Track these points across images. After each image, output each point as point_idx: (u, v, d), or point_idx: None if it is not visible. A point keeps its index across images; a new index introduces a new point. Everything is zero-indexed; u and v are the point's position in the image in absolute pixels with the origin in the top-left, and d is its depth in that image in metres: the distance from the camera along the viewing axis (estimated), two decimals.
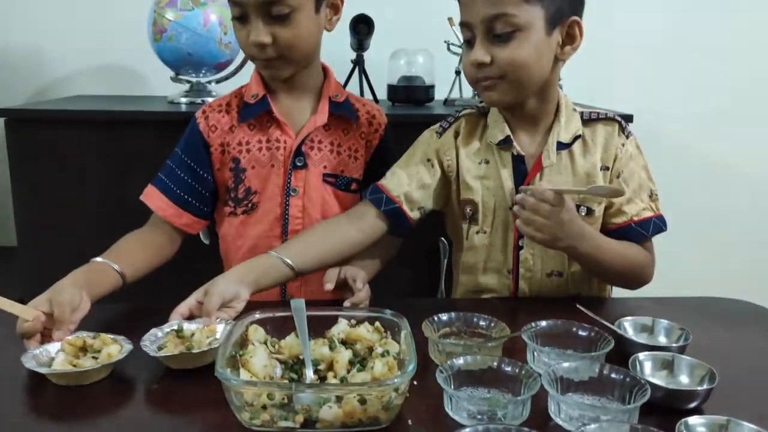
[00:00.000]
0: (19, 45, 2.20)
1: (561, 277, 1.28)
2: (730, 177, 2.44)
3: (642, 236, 1.25)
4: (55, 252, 1.77)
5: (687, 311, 1.23)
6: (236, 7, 1.21)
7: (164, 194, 1.31)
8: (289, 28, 1.20)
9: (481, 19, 1.12)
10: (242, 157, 1.31)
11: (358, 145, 1.36)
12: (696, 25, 2.31)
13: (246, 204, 1.32)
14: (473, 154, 1.28)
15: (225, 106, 1.34)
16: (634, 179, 1.25)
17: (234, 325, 0.93)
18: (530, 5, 1.11)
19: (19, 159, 1.74)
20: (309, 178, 1.31)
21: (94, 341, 0.97)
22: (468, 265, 1.32)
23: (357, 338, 0.94)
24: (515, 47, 1.12)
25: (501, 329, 1.00)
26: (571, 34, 1.17)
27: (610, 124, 1.26)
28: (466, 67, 1.20)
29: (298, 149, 1.30)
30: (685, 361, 0.92)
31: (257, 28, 1.20)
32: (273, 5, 1.18)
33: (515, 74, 1.14)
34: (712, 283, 2.32)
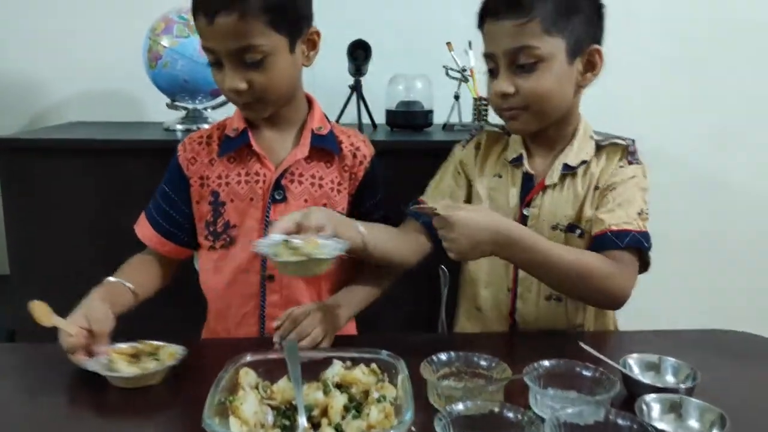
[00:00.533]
0: (15, 72, 2.18)
1: (560, 302, 1.26)
2: (732, 197, 2.41)
3: (614, 245, 1.16)
4: (48, 280, 1.75)
5: (692, 345, 1.20)
6: (210, 54, 1.19)
7: (150, 224, 1.33)
8: (263, 72, 1.17)
9: (504, 51, 1.16)
10: (221, 191, 1.28)
11: (341, 178, 1.32)
12: (697, 44, 2.29)
13: (224, 238, 1.28)
14: (489, 167, 1.33)
15: (206, 138, 1.32)
16: (626, 194, 1.20)
17: (224, 369, 0.89)
18: (552, 37, 1.15)
19: (12, 187, 1.72)
20: (288, 212, 1.23)
21: (143, 347, 1.07)
22: (471, 277, 1.34)
23: (352, 381, 0.91)
24: (538, 78, 1.16)
25: (502, 370, 0.97)
26: (591, 61, 1.20)
27: (617, 148, 1.26)
28: (491, 96, 1.23)
29: (277, 182, 1.26)
30: (693, 404, 0.89)
31: (231, 75, 1.17)
32: (245, 53, 1.15)
33: (538, 104, 1.18)
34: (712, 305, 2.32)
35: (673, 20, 2.28)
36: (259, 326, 1.30)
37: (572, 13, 1.16)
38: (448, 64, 1.97)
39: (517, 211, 1.26)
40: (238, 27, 1.12)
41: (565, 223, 1.23)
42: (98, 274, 1.71)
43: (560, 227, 1.23)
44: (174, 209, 1.32)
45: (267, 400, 0.88)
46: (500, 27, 1.16)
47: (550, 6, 1.14)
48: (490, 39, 1.19)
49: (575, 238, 1.23)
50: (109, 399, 0.98)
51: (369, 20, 2.08)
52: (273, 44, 1.17)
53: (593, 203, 1.23)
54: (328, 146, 1.30)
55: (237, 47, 1.14)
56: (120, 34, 2.08)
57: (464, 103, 2.03)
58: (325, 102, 1.86)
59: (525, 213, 1.26)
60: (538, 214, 1.25)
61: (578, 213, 1.23)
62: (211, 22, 1.12)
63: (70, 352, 1.04)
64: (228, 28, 1.12)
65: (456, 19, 2.13)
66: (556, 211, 1.24)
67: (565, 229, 1.23)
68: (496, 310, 1.31)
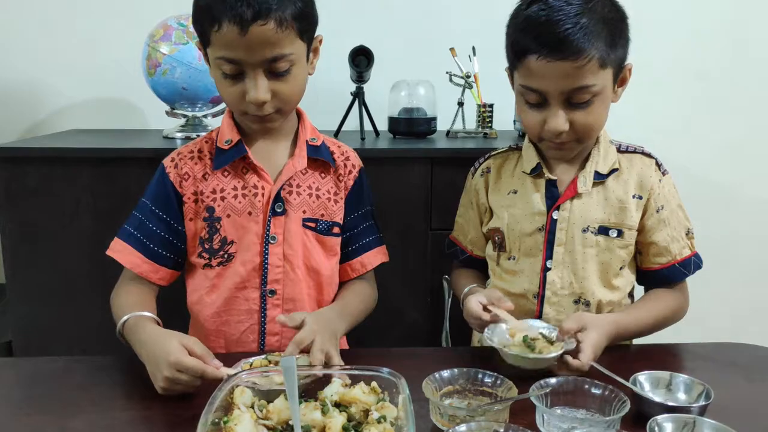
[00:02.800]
0: (14, 80, 2.17)
1: (587, 307, 1.26)
2: (745, 209, 2.37)
3: (684, 275, 1.28)
4: (45, 290, 1.73)
5: (703, 360, 1.18)
6: (231, 65, 1.13)
7: (137, 249, 1.23)
8: (287, 82, 1.16)
9: (562, 91, 1.15)
10: (216, 206, 1.23)
11: (337, 188, 1.31)
12: (710, 54, 2.26)
13: (222, 255, 1.24)
14: (502, 187, 1.34)
15: (197, 153, 1.27)
16: (674, 217, 1.28)
17: (218, 388, 0.86)
18: (604, 70, 1.15)
19: (9, 196, 1.70)
20: (288, 224, 1.24)
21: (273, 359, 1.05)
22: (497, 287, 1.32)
23: (352, 400, 0.88)
24: (592, 111, 1.17)
25: (508, 388, 0.93)
26: (623, 78, 1.23)
27: (647, 158, 1.29)
28: (534, 124, 1.21)
29: (277, 195, 1.23)
30: (707, 425, 0.85)
31: (259, 85, 1.13)
32: (276, 62, 1.12)
33: (589, 134, 1.21)
34: (724, 318, 2.28)
35: (686, 30, 2.25)
36: (259, 342, 1.26)
37: (618, 41, 1.17)
38: (452, 70, 1.95)
39: (546, 215, 1.26)
40: (275, 36, 1.10)
41: (596, 225, 1.25)
42: (95, 284, 1.70)
43: (591, 230, 1.25)
44: (167, 230, 1.25)
45: (263, 420, 0.85)
46: (555, 67, 1.12)
47: (603, 41, 1.13)
48: (539, 77, 1.15)
49: (610, 239, 1.25)
50: (106, 416, 0.95)
51: (370, 26, 2.06)
52: (298, 52, 1.16)
53: (638, 210, 1.26)
54: (324, 157, 1.29)
55: (271, 56, 1.11)
56: (119, 41, 2.07)
57: (468, 109, 2.00)
58: (326, 109, 1.86)
59: (554, 217, 1.26)
60: (568, 217, 1.25)
61: (616, 216, 1.25)
62: (244, 32, 1.08)
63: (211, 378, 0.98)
64: (264, 37, 1.09)
65: (459, 25, 2.12)
66: (586, 216, 1.25)
67: (596, 232, 1.25)
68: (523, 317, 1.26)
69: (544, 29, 1.12)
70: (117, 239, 1.25)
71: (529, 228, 1.27)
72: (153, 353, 1.02)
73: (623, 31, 1.19)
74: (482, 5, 2.10)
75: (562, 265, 1.25)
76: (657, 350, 1.22)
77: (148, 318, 1.14)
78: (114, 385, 1.06)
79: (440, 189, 1.73)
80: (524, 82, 1.18)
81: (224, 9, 1.08)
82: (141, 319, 1.13)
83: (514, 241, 1.29)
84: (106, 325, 1.71)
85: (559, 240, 1.25)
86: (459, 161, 1.45)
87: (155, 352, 1.02)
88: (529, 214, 1.27)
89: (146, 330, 1.08)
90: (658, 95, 2.26)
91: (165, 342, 1.01)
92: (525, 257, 1.28)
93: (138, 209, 1.26)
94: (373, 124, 1.98)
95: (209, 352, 1.02)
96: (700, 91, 2.29)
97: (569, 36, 1.10)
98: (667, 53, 2.24)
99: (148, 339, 1.06)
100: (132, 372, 1.08)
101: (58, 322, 1.75)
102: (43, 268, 1.73)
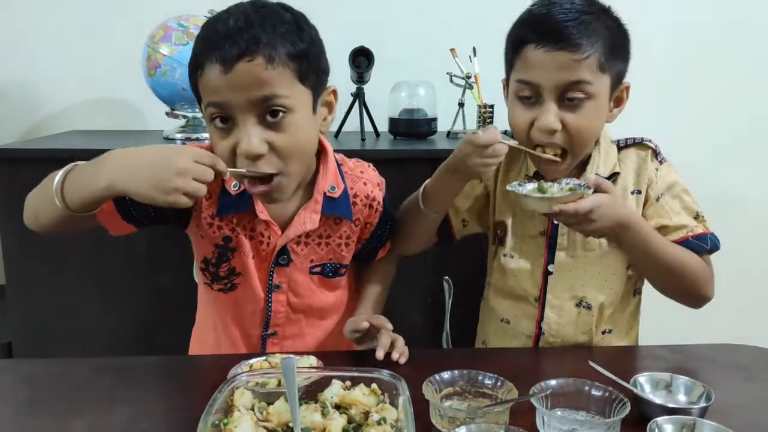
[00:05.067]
0: (14, 81, 2.16)
1: (589, 310, 1.25)
2: (744, 209, 2.36)
3: (701, 248, 1.22)
4: (45, 290, 1.73)
5: (703, 361, 1.17)
6: (218, 110, 1.00)
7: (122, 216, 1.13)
8: (286, 133, 1.01)
9: (556, 84, 1.12)
10: (233, 236, 1.16)
11: (351, 232, 1.22)
12: (708, 52, 2.26)
13: (225, 283, 1.19)
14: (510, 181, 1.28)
15: None
16: (677, 202, 1.24)
17: (218, 390, 0.86)
18: (603, 74, 1.13)
19: (9, 197, 1.69)
20: (293, 274, 1.19)
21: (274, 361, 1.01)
22: (496, 288, 1.32)
23: (352, 402, 0.87)
24: (585, 115, 1.13)
25: (508, 390, 0.93)
26: (619, 97, 1.21)
27: (643, 149, 1.26)
28: (523, 124, 1.17)
29: (283, 247, 1.16)
30: (707, 427, 0.85)
31: (250, 133, 0.99)
32: (267, 104, 0.99)
33: (580, 143, 1.16)
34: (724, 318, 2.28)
35: (685, 27, 2.25)
36: (261, 343, 1.25)
37: (618, 52, 1.16)
38: (452, 71, 1.95)
39: (547, 219, 1.25)
40: (264, 73, 0.98)
41: None
42: (95, 285, 1.70)
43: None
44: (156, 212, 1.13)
45: (263, 422, 0.85)
46: (554, 57, 1.10)
47: (603, 45, 1.12)
48: (535, 67, 1.12)
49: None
50: (106, 418, 0.95)
51: (371, 27, 2.06)
52: (297, 98, 1.02)
53: (638, 206, 1.24)
54: (342, 214, 1.19)
55: (260, 96, 0.98)
56: (119, 42, 2.07)
57: (468, 110, 2.00)
58: None
59: (555, 222, 1.24)
60: None
61: None
62: (228, 70, 0.97)
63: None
64: (251, 74, 0.97)
65: (460, 25, 2.11)
66: None
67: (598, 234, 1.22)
68: (524, 320, 1.29)
69: (545, 20, 1.12)
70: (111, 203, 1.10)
71: (532, 230, 1.27)
72: (158, 154, 0.95)
73: (624, 46, 1.18)
74: (483, 6, 2.10)
75: (564, 269, 1.25)
76: (657, 351, 1.22)
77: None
78: (114, 386, 1.06)
79: None
80: (520, 76, 1.16)
81: (208, 50, 0.99)
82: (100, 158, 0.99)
83: (516, 240, 1.28)
84: (106, 327, 1.71)
85: (561, 245, 1.24)
86: None
87: (161, 151, 0.95)
88: (532, 217, 1.27)
89: (128, 148, 0.98)
90: (657, 96, 2.25)
91: (163, 144, 0.98)
92: (525, 259, 1.28)
93: None
94: (374, 125, 1.98)
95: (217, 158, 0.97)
96: (700, 92, 2.28)
97: (569, 28, 1.10)
98: (667, 53, 2.24)
99: (143, 149, 0.96)
100: (132, 373, 1.09)
101: (58, 323, 1.75)
102: (43, 270, 1.73)
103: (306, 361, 1.02)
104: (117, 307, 1.38)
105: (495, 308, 1.32)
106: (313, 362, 1.03)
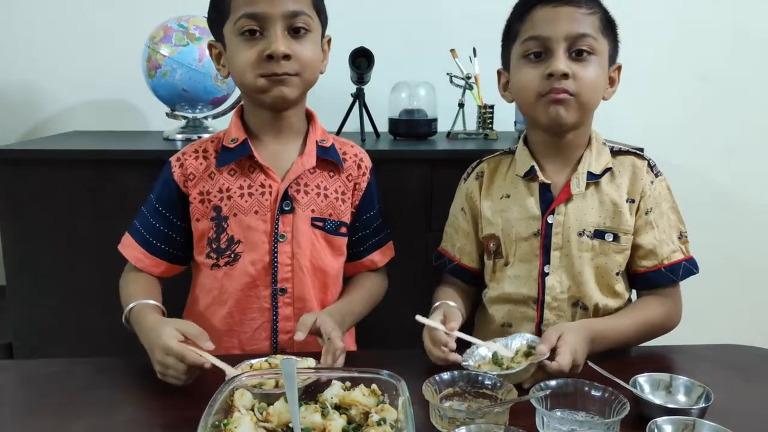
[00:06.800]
0: (15, 81, 2.16)
1: (586, 311, 1.25)
2: (743, 211, 2.37)
3: (671, 281, 1.25)
4: (45, 292, 1.73)
5: (703, 362, 1.18)
6: (252, 21, 1.17)
7: (140, 245, 1.28)
8: (305, 45, 1.20)
9: (566, 35, 1.18)
10: (224, 205, 1.24)
11: (345, 188, 1.32)
12: (708, 55, 2.26)
13: (228, 255, 1.25)
14: (494, 191, 1.33)
15: (202, 152, 1.29)
16: (664, 219, 1.26)
17: (218, 390, 0.86)
18: (603, 36, 1.21)
19: (9, 197, 1.69)
20: (297, 222, 1.25)
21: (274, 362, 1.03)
22: (495, 298, 1.32)
23: (352, 402, 0.88)
24: (591, 68, 1.19)
25: (508, 390, 0.93)
26: (612, 77, 1.26)
27: (639, 160, 1.28)
28: (533, 80, 1.20)
29: (285, 193, 1.25)
30: (707, 427, 0.85)
31: (279, 37, 1.17)
32: (296, 18, 1.18)
33: (587, 94, 1.19)
34: (723, 320, 2.28)
35: (685, 31, 2.24)
36: (272, 341, 1.28)
37: (612, 28, 1.24)
38: (452, 72, 1.94)
39: (540, 220, 1.26)
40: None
41: (592, 229, 1.24)
42: (95, 285, 1.70)
43: (587, 233, 1.24)
44: (168, 227, 1.28)
45: (263, 423, 0.85)
46: (564, 11, 1.19)
47: (603, 13, 1.22)
48: (546, 22, 1.19)
49: (606, 243, 1.24)
50: (107, 419, 0.95)
51: (371, 27, 2.05)
52: (314, 23, 1.22)
53: (632, 214, 1.25)
54: (333, 158, 1.30)
55: (292, 9, 1.17)
56: (119, 43, 2.07)
57: (468, 110, 2.00)
58: (327, 111, 1.84)
59: (549, 221, 1.25)
60: (563, 221, 1.25)
61: (611, 220, 1.24)
62: None
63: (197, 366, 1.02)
64: None
65: (460, 26, 2.11)
66: (581, 219, 1.24)
67: (592, 236, 1.24)
68: (525, 323, 1.29)
69: None
70: (126, 234, 1.31)
71: (525, 232, 1.27)
72: (150, 340, 1.07)
73: (615, 28, 1.25)
74: (483, 6, 2.09)
75: (561, 269, 1.25)
76: (657, 352, 1.22)
77: (152, 306, 1.18)
78: (115, 387, 1.06)
79: (441, 190, 1.73)
80: (528, 34, 1.21)
81: None
82: (145, 307, 1.17)
83: (509, 245, 1.29)
84: (106, 327, 1.71)
85: (556, 244, 1.25)
86: (460, 163, 1.44)
87: (152, 338, 1.06)
88: (524, 219, 1.27)
89: (148, 318, 1.13)
90: (657, 96, 2.26)
91: (160, 328, 1.06)
92: (521, 263, 1.28)
93: (145, 205, 1.30)
94: (374, 126, 1.98)
95: (204, 334, 1.06)
96: (699, 92, 2.28)
97: None
98: (666, 54, 2.24)
99: (148, 327, 1.10)
100: (133, 374, 1.09)
101: (59, 324, 1.75)
102: (44, 270, 1.73)
103: (305, 362, 1.03)
104: (118, 307, 1.38)
105: (494, 315, 1.32)
106: (312, 363, 1.04)
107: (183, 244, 1.30)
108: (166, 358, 1.02)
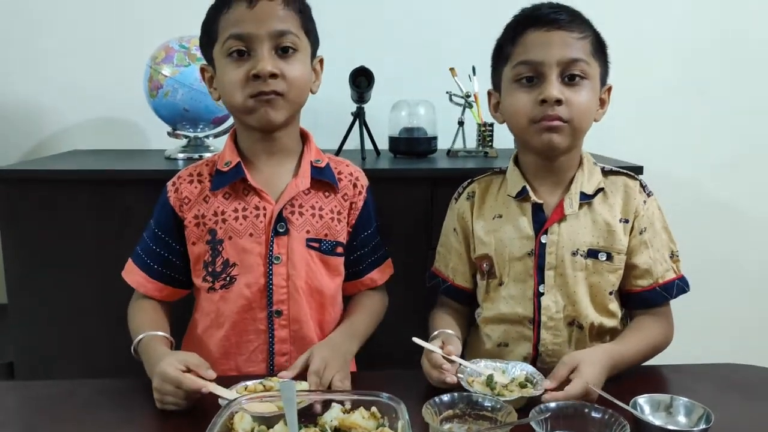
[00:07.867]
0: (17, 101, 2.18)
1: (581, 330, 1.26)
2: (745, 224, 2.37)
3: (665, 299, 1.28)
4: (46, 310, 1.73)
5: (703, 381, 1.18)
6: (239, 41, 1.18)
7: (142, 270, 1.30)
8: (293, 65, 1.20)
9: (559, 60, 1.18)
10: (218, 228, 1.25)
11: (341, 208, 1.31)
12: (708, 67, 2.27)
13: (224, 278, 1.26)
14: (486, 211, 1.33)
15: (196, 176, 1.29)
16: (658, 239, 1.27)
17: (218, 414, 0.86)
18: (595, 60, 1.22)
19: (10, 216, 1.70)
20: (292, 244, 1.25)
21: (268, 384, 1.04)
22: (490, 318, 1.32)
23: (351, 426, 0.88)
24: (583, 93, 1.20)
25: (507, 412, 0.93)
26: (602, 99, 1.27)
27: (630, 180, 1.29)
28: (525, 106, 1.21)
29: (279, 215, 1.24)
30: None
31: (266, 57, 1.17)
32: (282, 38, 1.19)
33: (579, 119, 1.20)
34: (724, 335, 2.28)
35: (684, 43, 2.25)
36: (268, 363, 1.27)
37: (603, 50, 1.25)
38: (452, 90, 1.96)
39: (534, 239, 1.26)
40: (282, 11, 1.19)
41: (585, 249, 1.24)
42: (97, 305, 1.70)
43: (581, 253, 1.24)
44: (167, 251, 1.29)
45: None
46: (557, 36, 1.19)
47: (593, 36, 1.23)
48: (538, 46, 1.19)
49: (599, 263, 1.25)
50: None
51: (371, 47, 2.07)
52: (302, 43, 1.23)
53: (626, 234, 1.26)
54: (328, 178, 1.30)
55: (278, 30, 1.18)
56: (121, 63, 2.08)
57: (468, 128, 2.01)
58: (327, 129, 1.86)
59: (543, 241, 1.25)
60: (557, 240, 1.25)
61: (604, 240, 1.25)
62: (252, 6, 1.17)
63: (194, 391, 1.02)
64: (271, 10, 1.18)
65: (459, 45, 2.13)
66: (575, 239, 1.25)
67: (585, 255, 1.24)
68: (522, 342, 1.29)
69: (543, 8, 1.22)
70: (129, 260, 1.32)
71: (518, 252, 1.27)
72: (152, 370, 1.08)
73: (605, 50, 1.26)
74: (482, 25, 2.09)
75: (555, 288, 1.25)
76: (656, 372, 1.22)
77: (160, 338, 1.20)
78: (117, 408, 1.06)
79: (441, 208, 1.71)
80: (521, 58, 1.21)
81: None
82: (153, 339, 1.19)
83: (503, 265, 1.29)
84: (109, 347, 1.71)
85: (550, 264, 1.25)
86: (460, 180, 1.45)
87: (153, 368, 1.07)
88: (517, 239, 1.27)
89: (155, 350, 1.14)
90: (657, 110, 2.27)
91: (162, 358, 1.07)
92: (515, 282, 1.28)
93: (146, 231, 1.32)
94: (374, 144, 1.99)
95: (205, 364, 1.07)
96: (699, 107, 2.28)
97: (563, 15, 1.20)
98: (667, 67, 2.25)
99: (155, 359, 1.10)
100: (135, 395, 1.09)
101: (60, 344, 1.75)
102: (45, 289, 1.73)
103: (300, 385, 1.03)
104: (121, 327, 1.38)
105: (490, 335, 1.32)
106: (307, 386, 1.04)
107: (183, 268, 1.30)
108: (164, 385, 1.02)
